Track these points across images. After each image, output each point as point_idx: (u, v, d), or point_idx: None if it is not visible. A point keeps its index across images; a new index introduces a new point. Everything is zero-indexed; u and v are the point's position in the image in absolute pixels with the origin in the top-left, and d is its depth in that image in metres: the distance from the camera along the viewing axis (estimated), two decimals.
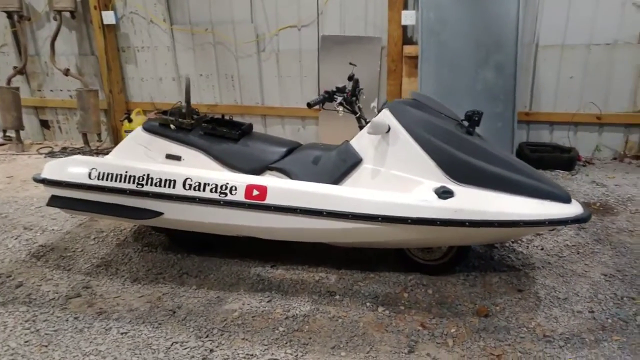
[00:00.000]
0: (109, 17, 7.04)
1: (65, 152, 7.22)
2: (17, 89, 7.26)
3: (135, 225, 4.55)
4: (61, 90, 7.77)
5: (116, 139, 7.55)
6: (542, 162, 5.82)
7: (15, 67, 7.38)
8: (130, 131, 6.40)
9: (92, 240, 4.36)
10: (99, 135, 7.36)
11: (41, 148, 7.55)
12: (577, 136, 6.34)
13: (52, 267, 3.93)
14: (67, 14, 7.06)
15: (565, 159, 5.92)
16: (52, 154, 7.15)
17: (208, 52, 7.10)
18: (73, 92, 7.50)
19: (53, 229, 4.58)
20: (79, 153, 6.90)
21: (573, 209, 3.07)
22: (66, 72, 7.13)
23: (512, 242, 4.11)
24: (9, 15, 7.21)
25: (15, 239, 4.41)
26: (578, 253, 3.95)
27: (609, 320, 3.11)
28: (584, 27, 5.93)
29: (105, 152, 6.96)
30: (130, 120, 6.72)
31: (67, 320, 3.25)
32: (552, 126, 6.39)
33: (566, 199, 3.11)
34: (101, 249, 4.19)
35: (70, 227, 4.62)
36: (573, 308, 3.24)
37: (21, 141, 7.46)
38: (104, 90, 7.41)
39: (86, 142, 7.25)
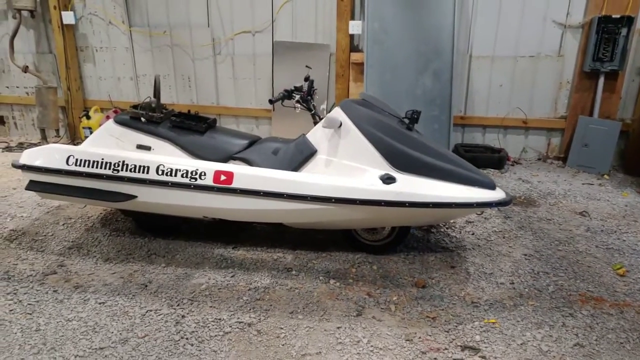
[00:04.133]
0: (68, 17, 7.27)
1: (22, 147, 7.35)
2: None
3: (102, 212, 4.85)
4: (17, 87, 7.93)
5: (73, 135, 7.75)
6: (475, 161, 6.36)
7: None
8: (88, 127, 6.68)
9: (61, 225, 4.62)
10: (57, 131, 7.53)
11: None
12: (506, 138, 6.98)
13: (25, 249, 4.19)
14: (27, 13, 7.24)
15: (496, 159, 6.51)
16: (9, 149, 7.29)
17: (165, 54, 7.42)
18: (30, 89, 7.69)
19: (22, 216, 4.81)
20: None
21: (497, 194, 3.57)
22: (25, 69, 7.30)
23: (447, 228, 4.63)
24: None
25: None
26: (504, 237, 4.50)
27: (527, 290, 3.64)
28: (511, 40, 6.58)
29: None
30: (88, 117, 6.93)
31: (46, 292, 3.53)
32: (484, 129, 7.00)
33: (491, 186, 3.60)
34: (71, 234, 4.47)
35: (38, 214, 4.85)
36: (497, 281, 3.76)
37: None
38: (62, 88, 7.61)
39: (44, 137, 7.41)
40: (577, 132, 6.50)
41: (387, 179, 3.52)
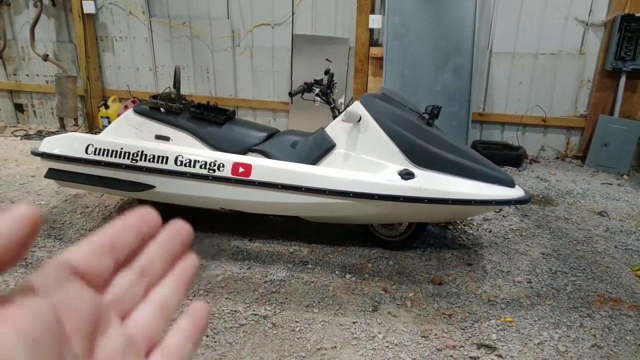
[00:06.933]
0: (89, 7, 7.29)
1: (41, 135, 7.40)
2: None
3: (119, 202, 4.88)
4: (37, 75, 7.98)
5: (92, 124, 7.80)
6: (493, 158, 6.17)
7: None
8: (106, 117, 6.71)
9: (78, 214, 4.65)
10: (75, 120, 7.58)
11: (16, 131, 7.73)
12: (524, 136, 6.92)
13: (43, 237, 4.22)
14: (48, 2, 7.28)
15: (514, 157, 6.46)
16: (27, 137, 7.35)
17: (185, 45, 7.43)
18: (49, 77, 7.74)
19: (40, 204, 4.85)
20: None
21: (516, 192, 3.54)
22: (45, 58, 7.34)
23: (464, 225, 4.61)
24: None
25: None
26: (521, 236, 4.46)
27: (544, 289, 3.61)
28: (532, 37, 6.51)
29: None
30: (107, 107, 6.96)
31: None
32: (503, 126, 6.95)
33: (511, 184, 3.58)
34: (88, 222, 4.50)
35: (56, 202, 4.89)
36: (514, 279, 3.74)
37: None
38: (81, 77, 7.65)
39: (62, 126, 7.43)
40: (596, 131, 6.44)
41: (406, 175, 3.51)
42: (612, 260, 4.05)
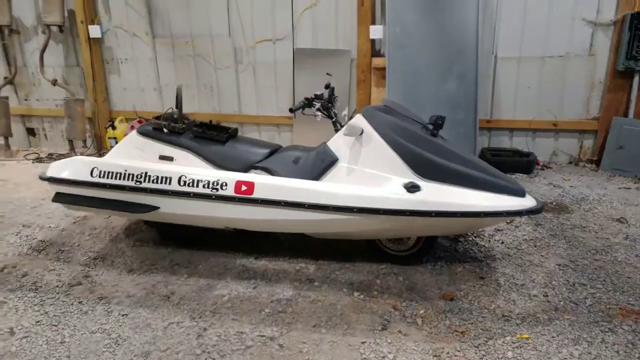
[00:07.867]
0: (94, 31, 7.42)
1: (52, 158, 7.47)
2: (7, 98, 7.62)
3: (126, 223, 4.85)
4: (47, 100, 8.07)
5: (100, 145, 7.85)
6: (503, 166, 6.17)
7: (5, 78, 7.80)
8: (113, 138, 6.74)
9: (86, 236, 4.64)
10: (84, 141, 7.64)
11: (28, 154, 7.79)
12: (535, 142, 6.81)
13: (53, 259, 4.22)
14: (55, 28, 7.40)
15: (525, 163, 6.34)
16: (39, 160, 7.41)
17: (188, 64, 7.46)
18: (59, 101, 7.81)
19: (50, 226, 4.86)
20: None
21: (527, 202, 3.43)
22: (54, 83, 7.44)
23: (475, 237, 4.50)
24: (0, 29, 7.60)
25: (16, 235, 4.69)
26: (535, 246, 4.34)
27: (562, 303, 3.48)
28: (538, 40, 6.42)
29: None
30: (114, 128, 7.01)
31: (72, 304, 3.54)
32: (511, 132, 6.84)
33: (521, 193, 3.47)
34: (96, 244, 4.48)
35: (65, 225, 4.89)
36: (529, 292, 3.62)
37: (9, 147, 7.75)
38: (89, 100, 7.73)
39: (72, 148, 7.51)
40: (611, 134, 6.31)
41: (412, 188, 3.42)
42: (633, 270, 3.91)
